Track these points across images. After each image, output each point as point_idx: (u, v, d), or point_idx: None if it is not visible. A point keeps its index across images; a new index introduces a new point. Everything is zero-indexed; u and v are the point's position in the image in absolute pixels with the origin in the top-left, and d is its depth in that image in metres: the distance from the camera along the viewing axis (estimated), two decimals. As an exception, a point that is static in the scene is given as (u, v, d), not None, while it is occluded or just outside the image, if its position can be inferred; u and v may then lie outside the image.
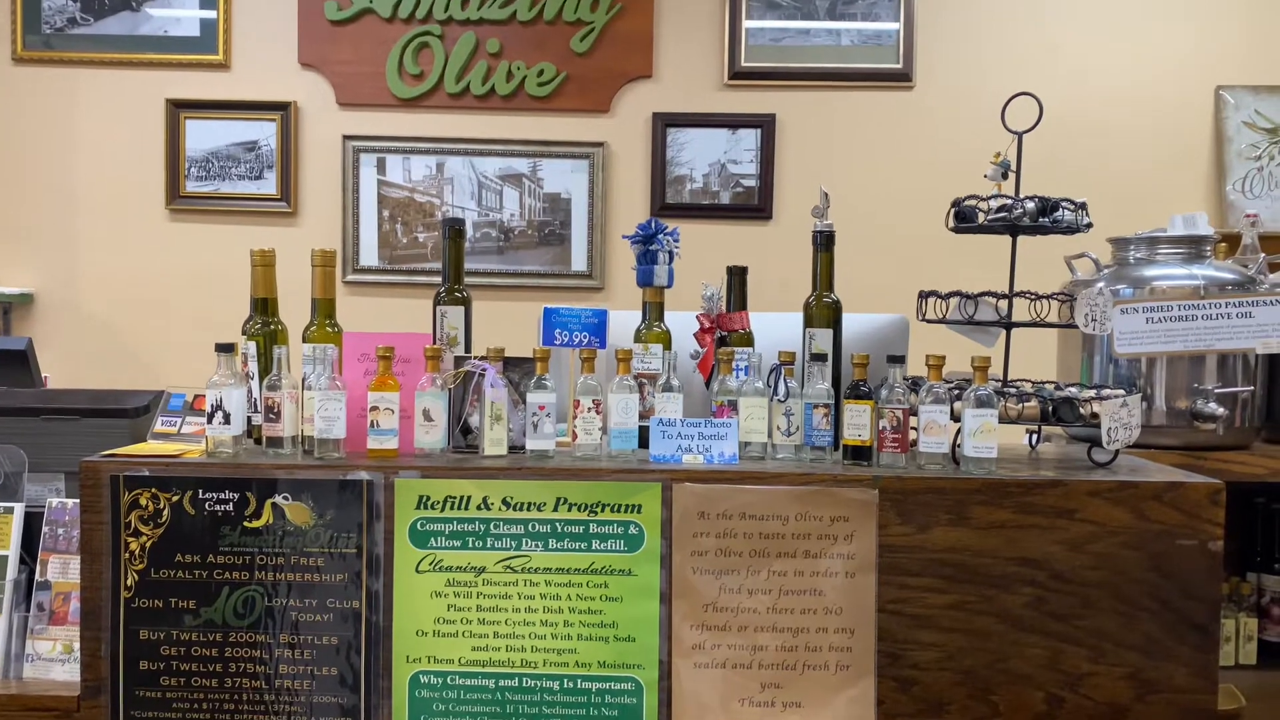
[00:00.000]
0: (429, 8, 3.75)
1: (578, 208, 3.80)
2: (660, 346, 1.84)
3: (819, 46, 3.78)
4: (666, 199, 3.80)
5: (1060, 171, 3.62)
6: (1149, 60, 3.79)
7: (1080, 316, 1.73)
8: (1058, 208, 1.76)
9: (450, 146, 3.78)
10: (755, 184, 3.80)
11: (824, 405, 1.73)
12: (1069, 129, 3.73)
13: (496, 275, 3.81)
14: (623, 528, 1.61)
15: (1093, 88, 3.78)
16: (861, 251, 3.65)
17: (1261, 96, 3.78)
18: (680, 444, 1.69)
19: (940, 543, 1.61)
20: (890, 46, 3.77)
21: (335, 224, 3.81)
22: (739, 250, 3.74)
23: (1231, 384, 2.02)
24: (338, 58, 3.78)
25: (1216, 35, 3.79)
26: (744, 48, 3.77)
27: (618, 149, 3.81)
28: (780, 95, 3.79)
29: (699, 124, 3.79)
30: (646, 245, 1.87)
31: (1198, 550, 1.59)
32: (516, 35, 3.76)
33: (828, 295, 1.91)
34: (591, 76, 3.77)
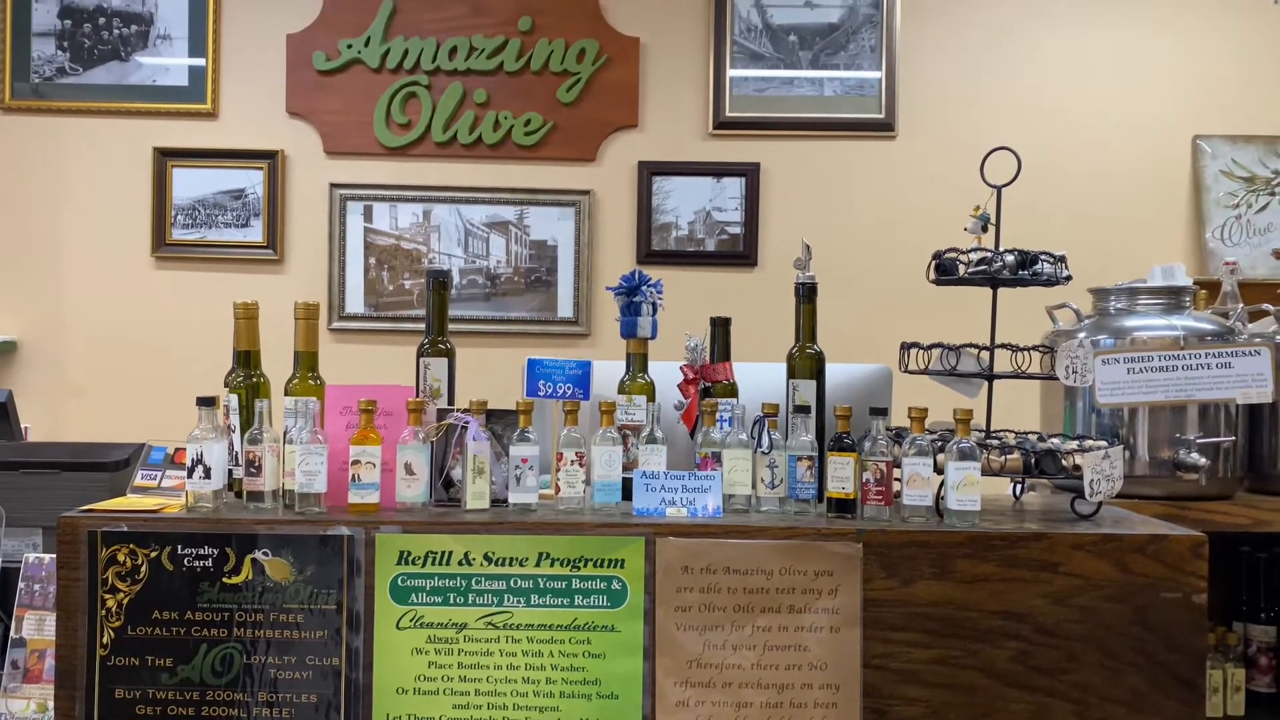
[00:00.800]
0: (417, 58, 3.78)
1: (564, 254, 3.82)
2: (644, 398, 1.84)
3: (802, 97, 3.83)
4: (652, 246, 3.82)
5: (1041, 220, 3.67)
6: (1128, 110, 3.85)
7: (1061, 369, 1.74)
8: (1037, 261, 1.78)
9: (437, 194, 3.80)
10: (740, 231, 3.83)
11: (808, 458, 1.73)
12: (1050, 178, 3.78)
13: (483, 322, 3.81)
14: (606, 583, 1.60)
15: (1073, 137, 3.84)
16: (846, 301, 3.67)
17: (1238, 146, 3.84)
18: (664, 497, 1.69)
19: (924, 597, 1.60)
20: (873, 97, 3.82)
21: (321, 271, 3.81)
22: (725, 297, 3.77)
23: (1213, 434, 2.04)
24: (326, 107, 3.81)
25: (1193, 86, 3.86)
26: (728, 98, 3.81)
27: (604, 197, 3.83)
28: (764, 144, 3.83)
29: (684, 172, 3.82)
30: (630, 297, 1.87)
31: (1182, 603, 1.59)
32: (504, 86, 3.80)
33: (811, 346, 1.92)
34: (578, 126, 3.81)
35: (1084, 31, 3.86)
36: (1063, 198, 3.80)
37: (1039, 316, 2.36)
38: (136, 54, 3.83)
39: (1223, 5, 3.86)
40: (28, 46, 3.81)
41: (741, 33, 3.82)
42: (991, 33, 3.86)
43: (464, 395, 1.83)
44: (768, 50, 3.83)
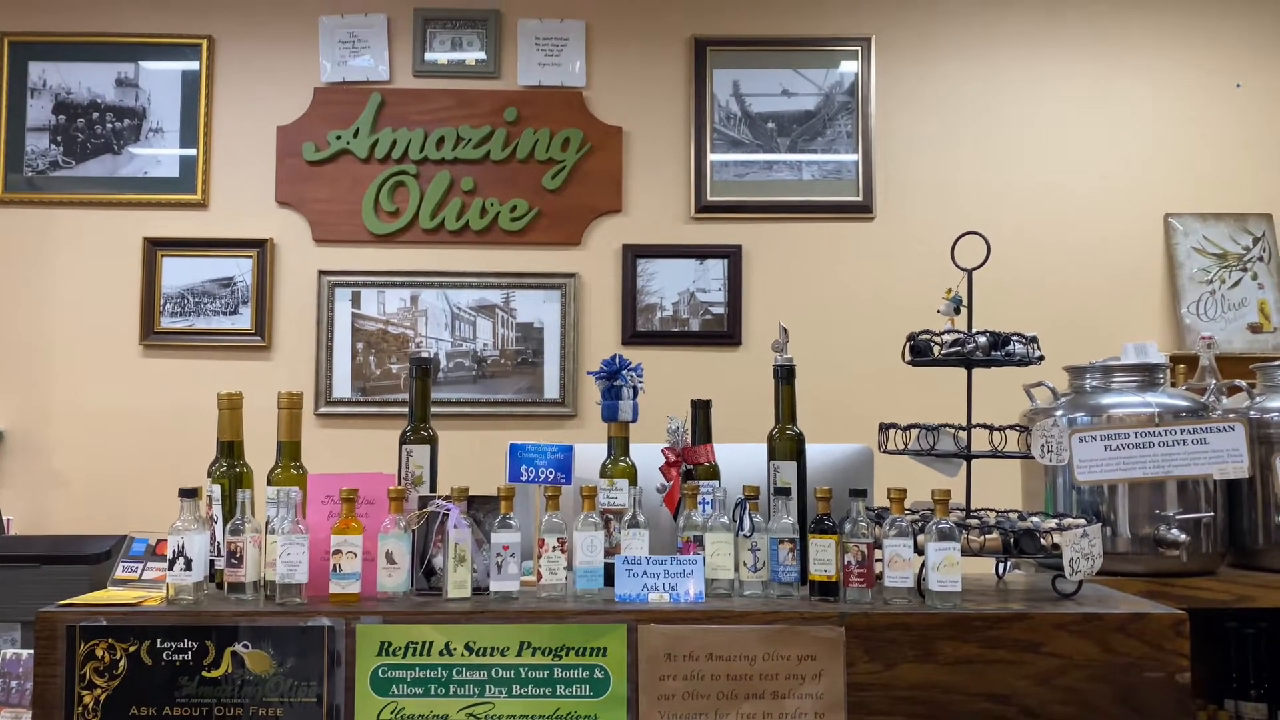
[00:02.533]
0: (405, 149, 3.87)
1: (550, 336, 3.85)
2: (626, 482, 1.85)
3: (781, 180, 3.91)
4: (637, 327, 3.86)
5: (1019, 298, 3.74)
6: (1100, 190, 3.95)
7: (1036, 448, 1.76)
8: (1009, 341, 1.81)
9: (424, 280, 3.85)
10: (724, 311, 3.88)
11: (789, 540, 1.74)
12: (1027, 256, 3.86)
13: (470, 404, 3.83)
14: (588, 671, 1.59)
15: (1048, 216, 3.92)
16: (828, 380, 3.71)
17: (1208, 224, 3.93)
18: (646, 582, 1.69)
19: (908, 680, 1.59)
20: (850, 180, 3.91)
21: (309, 357, 3.84)
22: (710, 376, 3.80)
23: (1193, 510, 2.05)
24: (314, 196, 3.88)
25: (1163, 165, 3.96)
26: (709, 182, 3.89)
27: (589, 279, 3.89)
28: (746, 227, 3.91)
29: (668, 254, 3.88)
30: (610, 381, 1.90)
31: (1165, 683, 1.59)
32: (490, 174, 3.88)
33: (791, 427, 1.94)
34: (563, 212, 3.88)
35: (1056, 113, 3.97)
36: (1040, 276, 3.87)
37: (1017, 394, 2.39)
38: (129, 146, 3.90)
39: (1190, 87, 3.99)
40: (22, 140, 3.89)
41: (721, 121, 3.92)
42: (965, 115, 3.97)
43: (453, 477, 1.84)
44: (747, 137, 3.92)
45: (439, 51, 3.94)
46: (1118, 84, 3.99)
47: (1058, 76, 3.98)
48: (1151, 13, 4.02)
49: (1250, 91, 4.00)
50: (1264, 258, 3.90)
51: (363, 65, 3.92)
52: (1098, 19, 4.02)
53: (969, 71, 3.98)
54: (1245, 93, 3.99)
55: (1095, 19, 4.02)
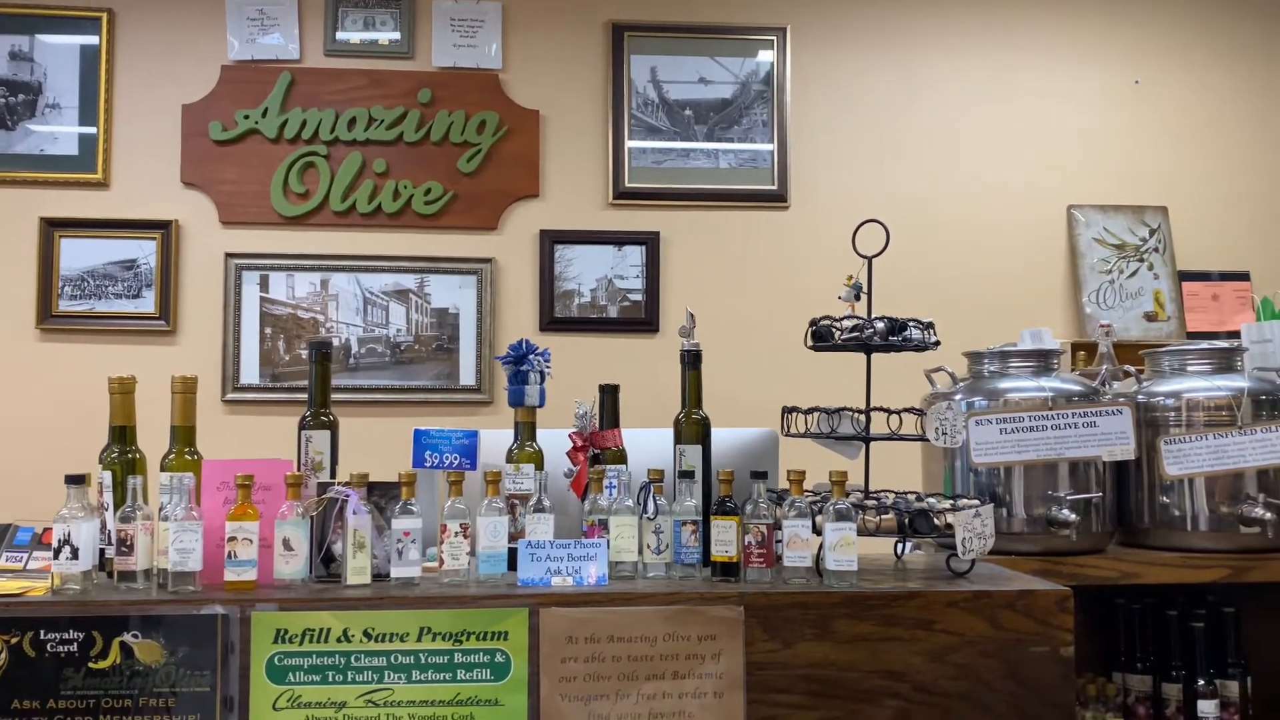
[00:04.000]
0: (315, 129, 3.79)
1: (466, 322, 3.82)
2: (532, 467, 1.85)
3: (699, 168, 3.93)
4: (556, 313, 3.85)
5: (927, 287, 3.82)
6: (1006, 181, 4.05)
7: (931, 431, 1.80)
8: (906, 327, 1.85)
9: (335, 263, 3.78)
10: (642, 298, 3.88)
11: (692, 522, 1.75)
12: (935, 246, 3.95)
13: (385, 391, 3.78)
14: (489, 656, 1.59)
15: (956, 206, 4.01)
16: (740, 366, 3.75)
17: (1109, 215, 4.06)
18: (549, 566, 1.69)
19: (806, 658, 1.62)
20: (765, 169, 3.95)
21: (215, 342, 3.74)
22: (628, 363, 3.81)
23: (1083, 490, 2.12)
24: (221, 177, 3.78)
25: (1066, 158, 4.08)
26: (627, 169, 3.90)
27: (506, 264, 3.86)
28: (664, 214, 3.92)
29: (586, 241, 3.87)
30: (517, 365, 1.89)
31: (1050, 657, 1.64)
32: (403, 156, 3.82)
33: (697, 412, 1.95)
34: (479, 195, 3.84)
35: (964, 106, 4.06)
36: (950, 265, 3.96)
37: (921, 379, 2.44)
38: (24, 122, 3.75)
39: (1092, 83, 4.11)
40: (-92, 115, 3.71)
41: (639, 107, 3.92)
42: (877, 107, 4.03)
43: (367, 465, 1.81)
44: (664, 124, 3.93)
45: (351, 31, 3.87)
46: (1023, 79, 4.09)
47: (966, 70, 4.07)
48: (1054, 11, 4.14)
49: (1148, 87, 4.14)
50: (1159, 249, 4.05)
51: (272, 43, 3.83)
52: (1004, 15, 4.12)
53: (881, 63, 4.05)
54: (1143, 89, 4.13)
55: (1002, 15, 4.12)
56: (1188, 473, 2.11)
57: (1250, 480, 2.11)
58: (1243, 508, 2.09)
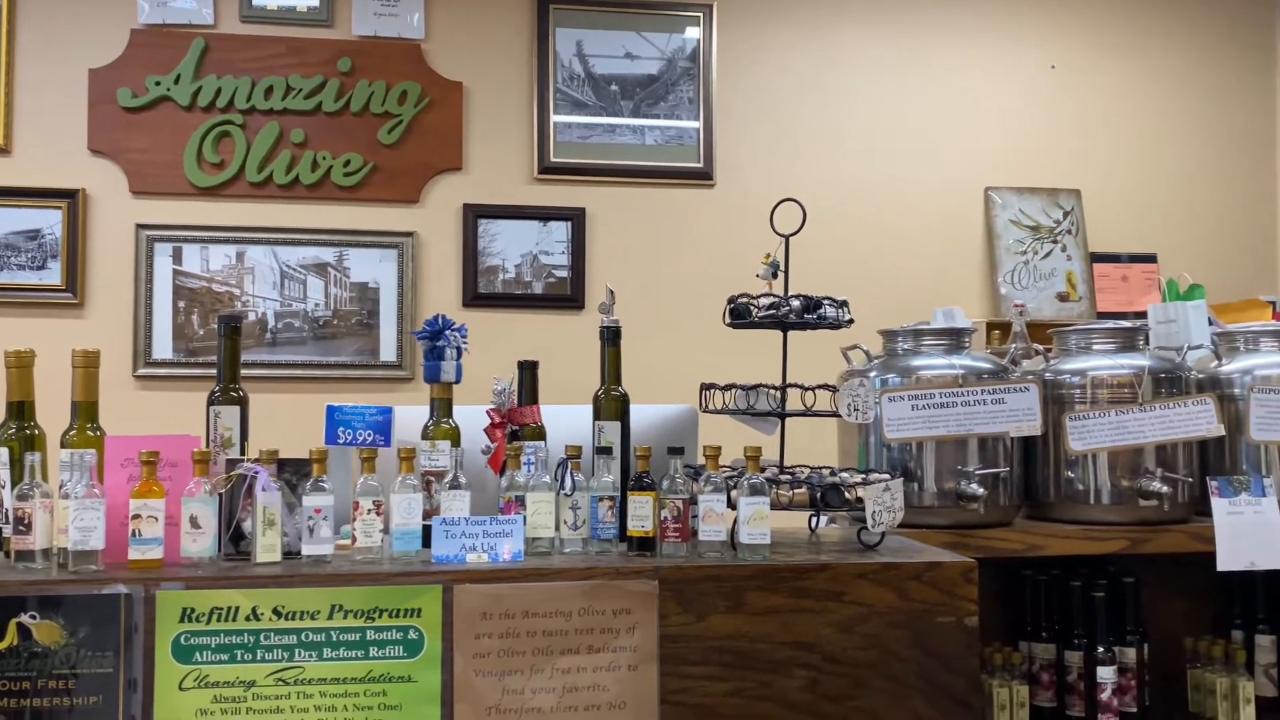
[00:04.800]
0: (230, 97, 3.68)
1: (387, 297, 3.77)
2: (448, 444, 1.84)
3: (625, 144, 3.92)
4: (479, 289, 3.82)
5: (849, 266, 3.88)
6: (927, 163, 4.12)
7: (843, 407, 1.83)
8: (820, 305, 1.87)
9: (251, 236, 3.70)
10: (567, 275, 3.87)
11: (609, 498, 1.76)
12: (858, 226, 4.01)
13: (303, 366, 3.71)
14: (402, 633, 1.58)
15: (878, 187, 4.08)
16: (666, 343, 3.76)
17: (1024, 197, 4.16)
18: (464, 543, 1.68)
19: (719, 630, 1.64)
20: (691, 146, 3.95)
21: (126, 315, 3.64)
22: (553, 339, 3.79)
23: (991, 465, 2.17)
24: (132, 145, 3.66)
25: (984, 141, 4.17)
26: (552, 143, 3.87)
27: (428, 239, 3.81)
28: (590, 190, 3.91)
29: (510, 216, 3.85)
30: (433, 341, 1.87)
31: (956, 626, 1.69)
32: (322, 126, 3.74)
33: (616, 388, 1.96)
34: (400, 168, 3.78)
35: (888, 89, 4.12)
36: (872, 245, 4.02)
37: (840, 357, 2.48)
38: (-82, 84, 3.59)
39: (1010, 68, 4.20)
40: None
41: (564, 81, 3.89)
42: (801, 86, 4.06)
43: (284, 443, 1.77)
44: (590, 99, 3.91)
45: (268, -4, 3.77)
46: (944, 62, 4.16)
47: (889, 53, 4.13)
48: (976, -5, 4.21)
49: (1064, 73, 4.24)
50: (1072, 231, 4.16)
51: (184, 7, 3.71)
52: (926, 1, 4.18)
53: (806, 43, 4.08)
54: (1059, 74, 4.23)
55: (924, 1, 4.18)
56: (1091, 448, 2.18)
57: (1149, 455, 2.19)
58: (1142, 482, 2.17)
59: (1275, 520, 2.14)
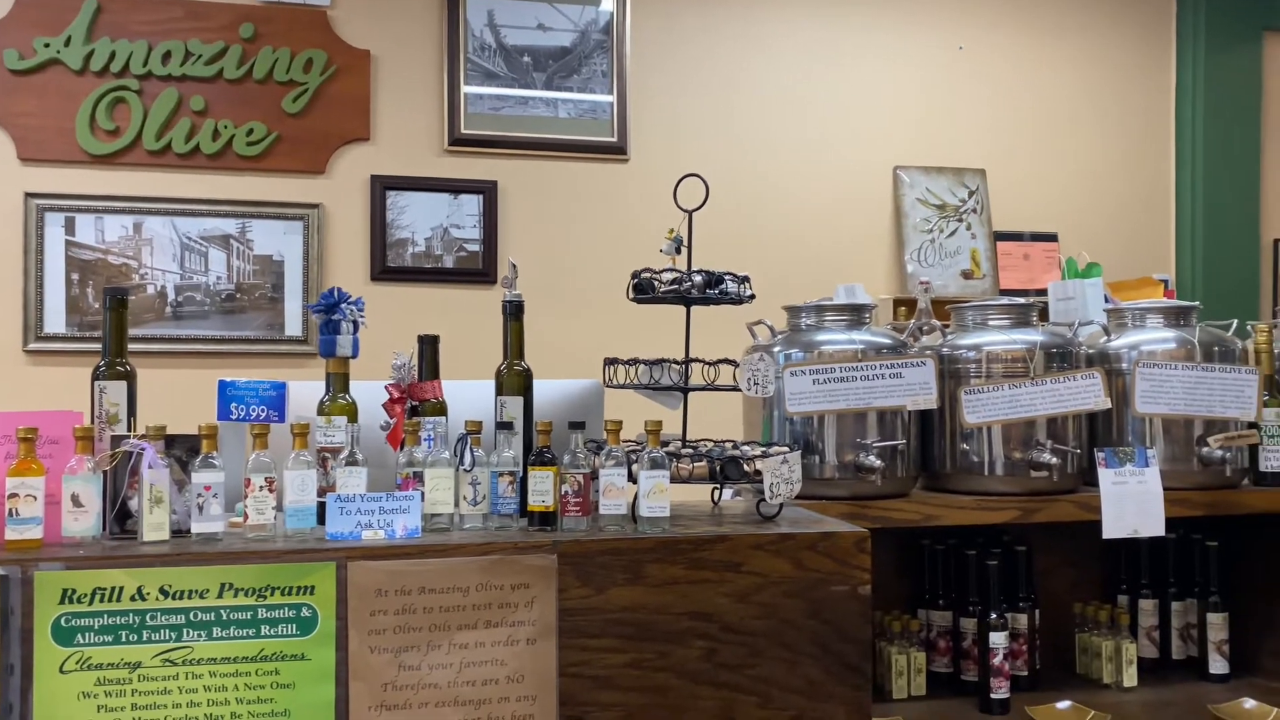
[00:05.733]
0: (125, 62, 3.55)
1: (292, 271, 3.68)
2: (344, 419, 1.81)
3: (537, 117, 3.89)
4: (388, 262, 3.75)
5: (761, 243, 3.91)
6: (837, 141, 4.17)
7: (744, 381, 1.85)
8: (723, 280, 1.89)
9: (149, 206, 3.57)
10: (479, 249, 3.83)
11: (509, 473, 1.75)
12: (770, 203, 4.04)
13: (205, 341, 3.61)
14: (294, 610, 1.55)
15: (789, 165, 4.11)
16: (579, 318, 3.75)
17: (931, 176, 4.24)
18: (360, 520, 1.66)
19: (618, 602, 1.66)
20: (605, 120, 3.93)
21: (15, 288, 3.49)
22: (464, 314, 3.75)
23: (890, 438, 2.22)
24: (19, 110, 3.50)
25: (893, 121, 4.23)
26: (463, 115, 3.81)
27: (334, 211, 3.73)
28: (501, 163, 3.86)
29: (420, 188, 3.78)
30: (329, 314, 1.83)
31: (849, 595, 1.73)
32: (223, 93, 3.63)
33: (519, 363, 1.94)
34: (305, 137, 3.69)
35: (799, 66, 4.15)
36: (781, 221, 4.06)
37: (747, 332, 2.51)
38: None
39: (919, 48, 4.26)
40: None
41: (475, 51, 3.84)
42: (715, 63, 4.07)
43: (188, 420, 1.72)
44: (502, 70, 3.86)
45: (164, -44, 3.63)
46: (856, 41, 4.21)
47: (802, 30, 4.15)
48: (886, -26, 4.26)
49: (971, 53, 4.32)
50: (977, 210, 4.26)
51: (74, -35, 3.55)
52: (839, -25, 4.21)
53: (719, 20, 4.08)
54: (966, 54, 4.31)
55: (837, -25, 4.21)
56: (985, 421, 2.25)
57: (1041, 428, 2.26)
58: (1033, 453, 2.24)
59: (1157, 490, 2.23)
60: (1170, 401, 2.30)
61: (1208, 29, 4.46)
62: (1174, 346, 2.36)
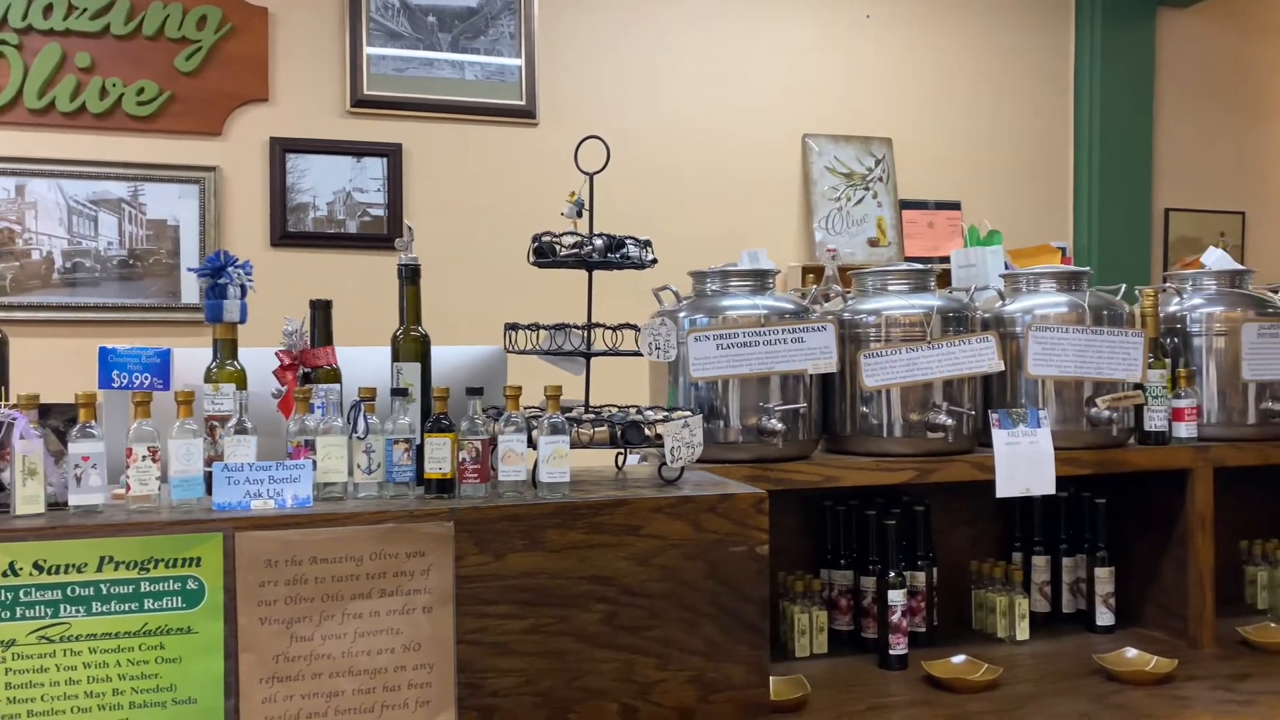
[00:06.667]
0: (3, 14, 3.36)
1: (188, 236, 3.56)
2: (232, 386, 1.75)
3: (443, 79, 3.80)
4: (288, 227, 3.65)
5: (673, 209, 3.91)
6: (748, 108, 4.18)
7: (645, 345, 1.85)
8: (624, 245, 1.87)
9: (32, 167, 3.41)
10: (383, 213, 3.75)
11: (404, 440, 1.72)
12: (681, 169, 4.03)
13: (96, 309, 3.47)
14: (180, 583, 1.51)
15: (700, 131, 4.10)
16: (485, 283, 3.71)
17: (839, 145, 4.28)
18: (249, 489, 1.61)
19: (517, 568, 1.65)
20: (513, 83, 3.87)
21: (-115, 253, 3.30)
22: (368, 280, 3.67)
23: (792, 402, 2.24)
24: (-115, 63, 3.30)
25: (803, 89, 4.25)
26: (366, 76, 3.71)
27: (232, 174, 3.61)
28: (406, 125, 3.78)
29: (321, 150, 3.68)
30: (215, 279, 1.77)
31: (747, 555, 1.75)
32: (111, 50, 3.47)
33: (415, 329, 1.91)
34: (200, 98, 3.55)
35: (709, 34, 4.13)
36: (693, 187, 4.06)
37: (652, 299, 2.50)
38: None
39: (828, 18, 4.28)
40: None
41: (378, 10, 3.73)
42: (624, 29, 4.03)
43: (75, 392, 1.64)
44: (406, 30, 3.77)
45: (42, -97, 3.44)
46: (765, 8, 4.21)
47: None
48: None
49: (878, 23, 4.36)
50: (883, 178, 4.32)
51: (-57, -90, 3.34)
52: (749, -59, 4.20)
53: (629, -18, 4.04)
54: (874, 24, 4.35)
55: (747, -59, 4.20)
56: (884, 384, 2.28)
57: (937, 390, 2.30)
58: (930, 415, 2.29)
59: (1048, 450, 2.30)
60: (1061, 364, 2.37)
61: (1104, 4, 4.58)
62: (1065, 311, 2.42)
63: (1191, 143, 4.81)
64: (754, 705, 1.75)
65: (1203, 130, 4.83)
